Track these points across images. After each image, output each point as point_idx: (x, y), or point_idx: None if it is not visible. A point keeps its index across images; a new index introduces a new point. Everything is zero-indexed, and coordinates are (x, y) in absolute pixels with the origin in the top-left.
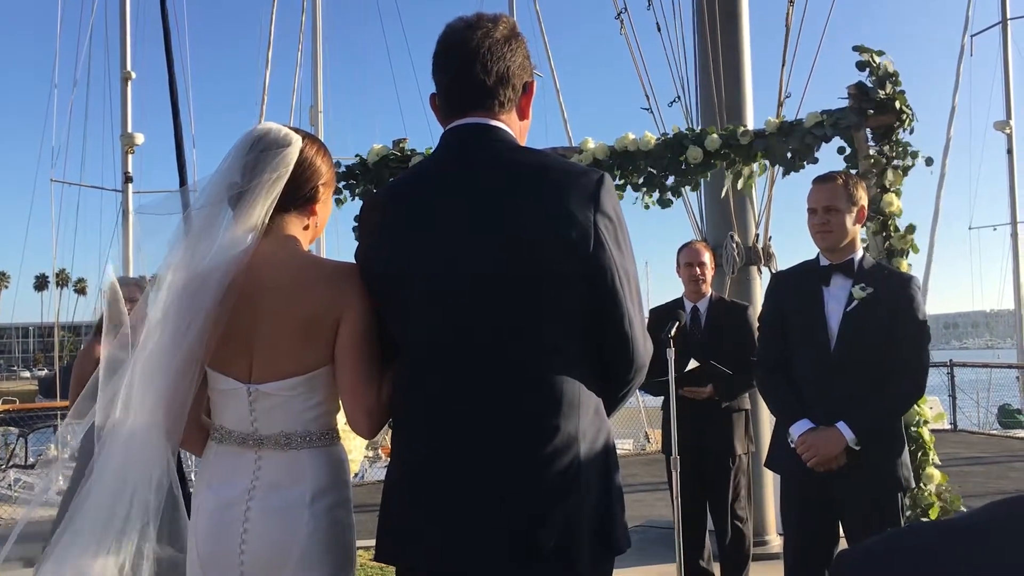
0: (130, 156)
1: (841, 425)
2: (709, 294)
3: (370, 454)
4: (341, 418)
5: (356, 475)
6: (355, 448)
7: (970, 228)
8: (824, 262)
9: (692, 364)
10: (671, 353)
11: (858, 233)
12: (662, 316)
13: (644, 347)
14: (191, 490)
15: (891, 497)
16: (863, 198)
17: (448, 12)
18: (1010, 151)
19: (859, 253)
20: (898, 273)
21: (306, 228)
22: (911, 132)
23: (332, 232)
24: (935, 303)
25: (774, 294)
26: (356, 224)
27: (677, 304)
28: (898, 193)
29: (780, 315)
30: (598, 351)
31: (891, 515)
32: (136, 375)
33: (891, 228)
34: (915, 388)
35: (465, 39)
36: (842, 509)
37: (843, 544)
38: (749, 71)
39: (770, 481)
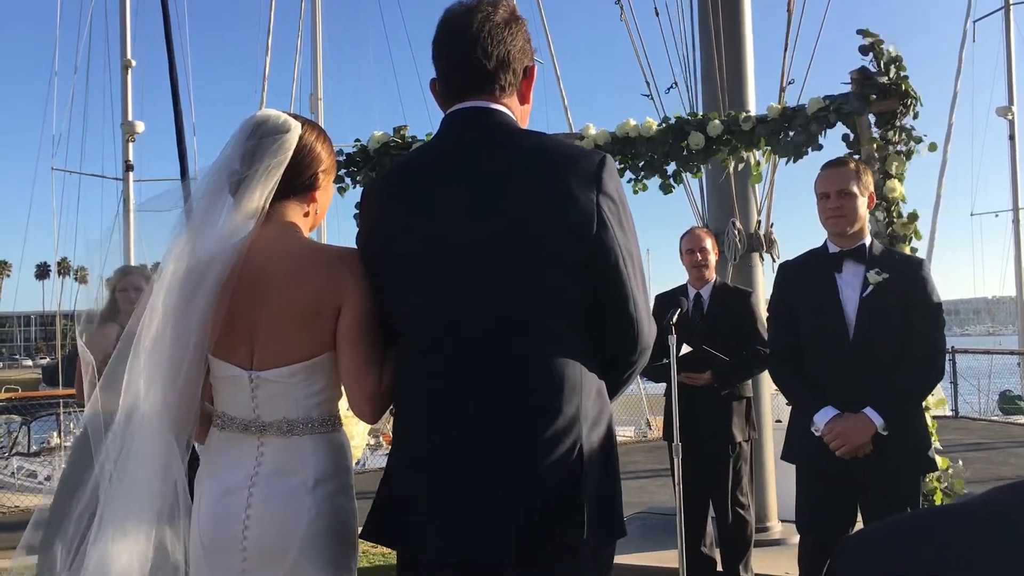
0: (131, 144)
1: (869, 411)
2: (713, 280)
3: (371, 441)
4: (343, 404)
5: (358, 462)
6: (357, 434)
7: (972, 214)
8: (833, 249)
9: (685, 349)
10: (673, 340)
11: (867, 218)
12: (665, 302)
13: (648, 329)
14: None
15: (914, 480)
16: (871, 184)
17: None
18: (1012, 137)
19: (869, 238)
20: (908, 257)
21: (306, 215)
22: (915, 117)
23: (333, 219)
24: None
25: (783, 283)
26: (357, 211)
27: (681, 290)
28: (901, 179)
29: (790, 304)
30: (602, 333)
31: (913, 497)
32: (141, 365)
33: (894, 214)
34: (936, 370)
35: (465, 23)
36: (864, 494)
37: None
38: (751, 56)
39: (772, 468)
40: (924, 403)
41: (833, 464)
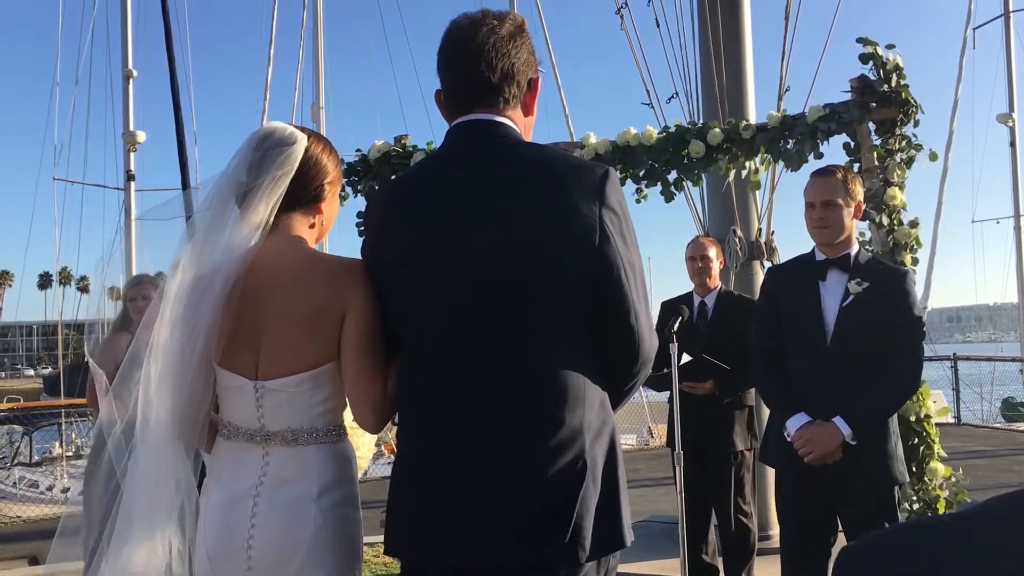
0: (132, 154)
1: (838, 420)
2: (717, 288)
3: (374, 450)
4: (349, 415)
5: (363, 472)
6: (363, 445)
7: (973, 221)
8: (820, 256)
9: (685, 358)
10: (674, 348)
11: (854, 228)
12: (670, 310)
13: (650, 341)
14: None
15: (885, 491)
16: (860, 193)
17: (447, 8)
18: (1013, 144)
19: (855, 248)
20: (894, 268)
21: (312, 226)
22: (916, 125)
23: (335, 229)
24: (939, 297)
25: (769, 288)
26: (359, 220)
27: (686, 298)
28: (901, 187)
29: (776, 309)
30: (603, 345)
31: (887, 509)
32: (151, 375)
33: (895, 222)
34: (910, 383)
35: (470, 36)
36: (837, 503)
37: (840, 535)
38: (751, 64)
39: (774, 476)
40: (925, 411)
41: (805, 469)
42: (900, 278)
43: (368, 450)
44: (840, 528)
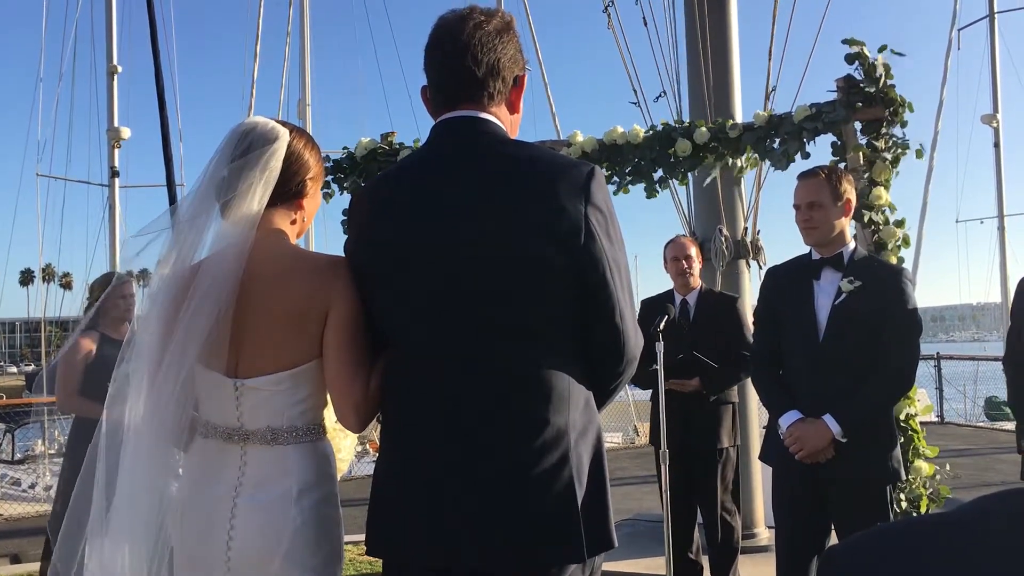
0: (116, 150)
1: (827, 418)
2: (698, 287)
3: (359, 448)
4: (331, 417)
5: (347, 473)
6: (345, 448)
7: (957, 221)
8: (815, 256)
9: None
10: (660, 347)
11: (847, 226)
12: (652, 308)
13: (635, 340)
14: None
15: (879, 489)
16: (849, 191)
17: (435, 5)
18: (997, 144)
19: (850, 246)
20: (888, 265)
21: (293, 222)
22: (904, 125)
23: (320, 226)
24: (922, 296)
25: (767, 289)
26: (345, 219)
27: (668, 296)
28: (887, 186)
29: (773, 309)
30: (589, 343)
31: (880, 507)
32: (134, 374)
33: (880, 222)
34: (903, 380)
35: (457, 31)
36: (831, 501)
37: (834, 536)
38: (737, 64)
39: (759, 474)
40: (911, 407)
41: (801, 468)
42: (895, 275)
43: (349, 452)
44: (833, 527)
